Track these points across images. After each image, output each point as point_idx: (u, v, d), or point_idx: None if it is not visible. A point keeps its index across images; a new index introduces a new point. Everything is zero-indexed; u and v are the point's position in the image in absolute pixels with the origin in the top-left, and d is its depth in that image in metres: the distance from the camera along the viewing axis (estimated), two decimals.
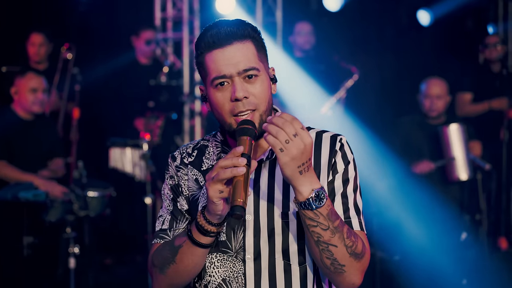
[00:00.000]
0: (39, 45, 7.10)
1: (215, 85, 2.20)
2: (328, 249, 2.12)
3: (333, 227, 2.10)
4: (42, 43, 7.11)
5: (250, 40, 2.23)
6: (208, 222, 2.13)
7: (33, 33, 7.08)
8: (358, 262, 2.17)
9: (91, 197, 5.65)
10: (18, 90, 5.92)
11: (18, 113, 5.97)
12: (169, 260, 2.24)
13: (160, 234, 2.36)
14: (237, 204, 1.99)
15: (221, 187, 2.04)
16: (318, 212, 2.08)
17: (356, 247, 2.15)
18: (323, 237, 2.11)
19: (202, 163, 2.38)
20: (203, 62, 2.24)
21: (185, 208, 2.36)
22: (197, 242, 2.17)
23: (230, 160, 2.02)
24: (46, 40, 7.13)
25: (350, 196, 2.28)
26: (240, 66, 2.18)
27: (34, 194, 5.43)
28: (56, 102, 7.07)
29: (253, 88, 2.20)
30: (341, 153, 2.31)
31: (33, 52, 7.10)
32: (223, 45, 2.19)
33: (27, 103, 5.90)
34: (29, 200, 5.43)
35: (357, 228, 2.25)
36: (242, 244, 2.27)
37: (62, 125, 6.95)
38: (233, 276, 2.29)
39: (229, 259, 2.29)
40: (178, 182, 2.38)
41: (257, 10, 8.46)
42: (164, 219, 2.38)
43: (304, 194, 2.07)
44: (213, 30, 2.21)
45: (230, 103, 2.19)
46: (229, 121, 2.21)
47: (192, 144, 2.45)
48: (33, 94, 5.89)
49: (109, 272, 6.98)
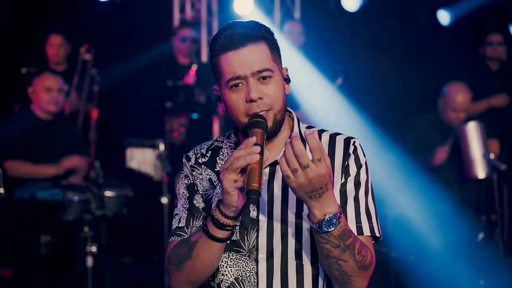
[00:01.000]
0: (58, 46, 7.15)
1: (230, 86, 2.22)
2: (337, 263, 2.15)
3: (344, 246, 2.11)
4: (61, 44, 7.17)
5: (264, 41, 2.26)
6: (224, 215, 2.13)
7: (52, 35, 7.14)
8: (365, 271, 2.20)
9: (108, 196, 5.69)
10: (35, 90, 5.98)
11: (37, 113, 6.01)
12: (186, 256, 2.24)
13: (177, 231, 2.37)
14: (252, 188, 2.00)
15: (235, 176, 2.05)
16: (330, 234, 2.09)
17: (365, 261, 2.18)
18: (332, 253, 2.13)
19: (216, 163, 2.40)
20: (217, 64, 2.26)
21: (202, 206, 2.37)
22: (213, 237, 2.17)
23: (244, 150, 2.05)
24: (65, 41, 7.18)
25: (361, 200, 2.30)
26: (254, 67, 2.20)
27: (51, 193, 5.47)
28: (76, 102, 7.12)
29: (267, 89, 2.22)
30: (354, 156, 2.32)
31: (52, 53, 7.15)
32: (238, 47, 2.22)
33: (43, 102, 5.95)
34: (46, 199, 5.48)
35: (367, 234, 2.27)
36: (255, 244, 2.29)
37: (81, 125, 7.00)
38: (245, 275, 2.30)
39: (242, 259, 2.30)
40: (194, 181, 2.40)
41: (275, 11, 8.46)
42: (181, 217, 2.38)
43: (316, 217, 2.08)
44: (227, 32, 2.24)
45: (244, 104, 2.21)
46: (244, 121, 2.22)
47: (206, 145, 2.47)
48: (48, 93, 5.93)
49: (127, 271, 7.02)
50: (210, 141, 2.49)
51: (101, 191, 5.62)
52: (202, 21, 8.29)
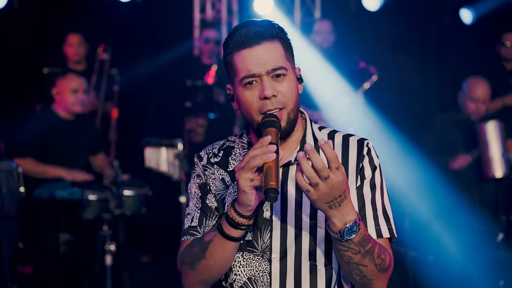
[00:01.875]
0: (77, 45, 7.20)
1: (244, 84, 2.23)
2: (358, 268, 2.15)
3: (364, 251, 2.12)
4: (80, 43, 7.22)
5: (278, 40, 2.26)
6: (239, 215, 2.13)
7: (70, 34, 7.20)
8: (385, 274, 2.21)
9: (126, 195, 5.72)
10: (60, 91, 6.04)
11: (59, 113, 6.08)
12: (199, 255, 2.24)
13: (190, 231, 2.36)
14: (270, 186, 2.00)
15: (251, 175, 2.05)
16: (350, 241, 2.10)
17: (385, 263, 2.19)
18: (353, 259, 2.13)
19: (228, 163, 2.40)
20: (231, 62, 2.27)
21: (214, 205, 2.37)
22: (228, 236, 2.17)
23: (260, 149, 2.04)
24: (83, 41, 7.23)
25: (378, 202, 2.30)
26: (269, 65, 2.21)
27: (69, 192, 5.52)
28: (94, 102, 7.17)
29: (281, 86, 2.23)
30: (368, 157, 2.32)
31: (72, 53, 7.20)
32: (252, 45, 2.22)
33: (69, 104, 6.01)
34: (65, 198, 5.52)
35: (386, 236, 2.28)
36: (268, 244, 2.28)
37: (99, 125, 7.04)
38: (258, 275, 2.30)
39: (255, 258, 2.30)
40: (206, 181, 2.39)
41: (295, 10, 8.45)
42: (193, 216, 2.38)
43: (337, 226, 2.08)
44: (242, 30, 2.25)
45: (258, 101, 2.22)
46: (257, 119, 2.23)
47: (218, 144, 2.47)
48: (74, 95, 6.00)
49: (146, 270, 7.04)
50: (221, 141, 2.49)
51: (120, 190, 5.65)
52: (222, 21, 8.31)
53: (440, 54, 8.94)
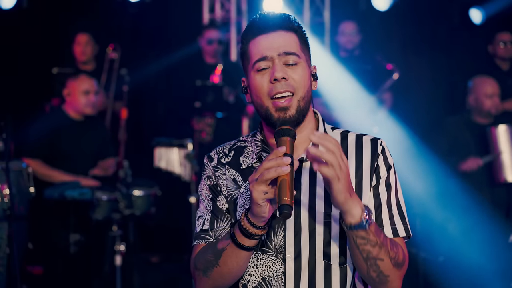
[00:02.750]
0: (85, 44, 7.20)
1: (256, 69, 2.23)
2: (375, 263, 2.15)
3: (380, 242, 2.13)
4: (88, 43, 7.21)
5: (294, 32, 2.27)
6: (253, 225, 2.11)
7: (78, 33, 7.19)
8: (399, 270, 2.20)
9: (136, 196, 5.71)
10: (71, 92, 6.04)
11: (69, 114, 6.08)
12: (213, 263, 2.23)
13: (202, 235, 2.34)
14: (284, 203, 1.97)
15: (265, 188, 2.03)
16: (369, 230, 2.10)
17: (398, 257, 2.18)
18: (372, 253, 2.13)
19: (241, 162, 2.37)
20: (246, 50, 2.28)
21: (225, 207, 2.35)
22: (241, 245, 2.15)
23: (274, 161, 2.01)
24: (92, 40, 7.22)
25: (393, 202, 2.29)
26: (281, 49, 2.22)
27: (80, 192, 5.52)
28: (103, 102, 7.16)
29: (292, 72, 2.22)
30: (383, 157, 2.31)
31: (80, 52, 7.20)
32: (268, 31, 2.24)
33: (80, 105, 6.01)
34: (75, 198, 5.52)
35: (402, 235, 2.27)
36: (282, 243, 2.26)
37: (109, 125, 7.04)
38: (272, 275, 2.28)
39: (269, 258, 2.28)
40: (217, 182, 2.37)
41: (304, 10, 8.42)
42: (204, 219, 2.36)
43: (356, 216, 2.08)
44: (259, 20, 2.28)
45: (269, 84, 2.21)
46: (267, 104, 2.22)
47: (228, 144, 2.45)
48: (86, 97, 6.01)
49: (155, 270, 7.04)
50: (232, 141, 2.47)
51: (130, 190, 5.64)
52: (231, 21, 8.29)
53: (449, 54, 8.90)
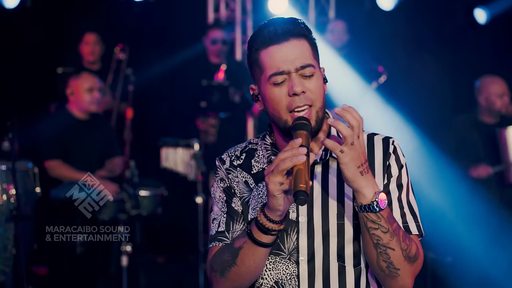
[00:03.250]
0: (93, 44, 7.19)
1: (273, 82, 2.20)
2: (385, 252, 2.13)
3: (392, 230, 2.12)
4: (96, 42, 7.21)
5: (305, 38, 2.25)
6: (269, 220, 2.10)
7: (87, 33, 7.18)
8: (411, 266, 2.17)
9: (143, 196, 5.70)
10: (74, 90, 6.01)
11: (73, 113, 6.06)
12: (230, 263, 2.21)
13: (218, 236, 2.32)
14: (300, 189, 1.97)
15: (281, 179, 2.02)
16: (380, 215, 2.09)
17: (410, 251, 2.16)
18: (382, 239, 2.12)
19: (252, 166, 2.36)
20: (257, 59, 2.24)
21: (240, 209, 2.33)
22: (259, 242, 2.13)
23: (290, 151, 2.01)
24: (100, 40, 7.21)
25: (405, 200, 2.28)
26: (297, 62, 2.19)
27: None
28: (109, 102, 7.15)
29: (309, 83, 2.20)
30: (395, 156, 2.30)
31: (88, 51, 7.19)
32: (280, 42, 2.20)
33: (85, 103, 5.99)
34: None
35: (415, 232, 2.26)
36: (295, 246, 2.25)
37: (114, 125, 7.02)
38: (286, 279, 2.26)
39: (282, 261, 2.26)
40: (230, 184, 2.36)
41: (309, 10, 8.41)
42: (220, 221, 2.34)
43: (368, 196, 2.08)
44: (270, 28, 2.23)
45: (287, 98, 2.19)
46: (285, 117, 2.20)
47: (240, 147, 2.44)
48: (90, 94, 5.98)
49: (161, 271, 7.03)
50: (243, 143, 2.46)
51: (136, 190, 5.62)
52: (236, 20, 8.27)
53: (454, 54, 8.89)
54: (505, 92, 6.29)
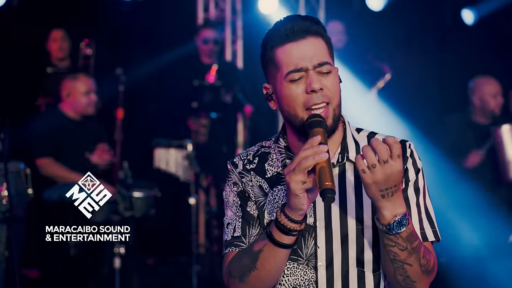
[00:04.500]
0: (61, 40, 7.11)
1: (290, 79, 2.18)
2: (402, 267, 2.11)
3: (411, 248, 2.09)
4: (64, 38, 7.12)
5: (321, 37, 2.23)
6: (290, 220, 2.06)
7: (54, 30, 7.11)
8: (428, 277, 2.17)
9: (136, 197, 5.64)
10: (71, 92, 5.96)
11: (66, 113, 6.01)
12: (249, 267, 2.16)
13: (235, 242, 2.27)
14: (327, 187, 1.94)
15: (303, 177, 1.99)
16: (398, 236, 2.06)
17: (429, 264, 2.15)
18: (399, 256, 2.09)
19: (266, 170, 2.32)
20: (273, 57, 2.22)
21: (256, 213, 2.29)
22: (279, 243, 2.09)
23: (311, 149, 1.98)
24: (67, 36, 7.13)
25: (422, 205, 2.26)
26: (315, 60, 2.17)
27: None
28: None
29: (326, 81, 2.18)
30: (412, 160, 2.28)
31: (56, 48, 7.10)
32: (297, 39, 2.18)
33: (82, 106, 5.96)
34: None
35: (431, 239, 2.24)
36: (313, 251, 2.22)
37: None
38: (304, 284, 2.23)
39: (299, 267, 2.23)
40: (244, 188, 2.31)
41: (300, 10, 8.41)
42: (235, 226, 2.29)
43: (386, 218, 2.05)
44: (287, 25, 2.20)
45: (304, 95, 2.17)
46: (302, 115, 2.17)
47: (252, 151, 2.40)
48: (87, 97, 5.95)
49: (154, 272, 6.98)
50: (254, 147, 2.41)
51: (130, 192, 5.56)
52: (226, 20, 8.24)
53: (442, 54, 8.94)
54: (499, 92, 6.34)
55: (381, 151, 1.97)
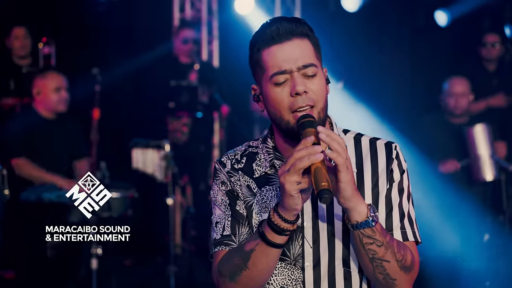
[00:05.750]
0: (23, 38, 7.02)
1: (274, 82, 2.18)
2: (381, 265, 2.13)
3: (386, 243, 2.11)
4: (26, 36, 7.04)
5: (308, 38, 2.22)
6: (284, 220, 2.06)
7: (15, 27, 7.01)
8: (407, 274, 2.17)
9: (113, 198, 5.61)
10: (41, 90, 5.91)
11: (40, 112, 5.96)
12: (241, 266, 2.16)
13: (224, 240, 2.27)
14: (323, 187, 1.94)
15: (298, 178, 1.99)
16: (375, 229, 2.08)
17: (406, 260, 2.16)
18: (378, 253, 2.11)
19: (254, 170, 2.33)
20: (259, 59, 2.22)
21: (245, 212, 2.29)
22: (272, 243, 2.09)
23: (306, 150, 1.98)
24: (28, 34, 7.06)
25: (405, 206, 2.28)
26: (300, 62, 2.17)
27: (57, 195, 5.41)
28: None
29: (311, 84, 2.17)
30: (397, 161, 2.30)
31: (18, 46, 6.99)
32: (282, 41, 2.18)
33: (52, 103, 5.90)
34: (53, 201, 5.41)
35: (411, 239, 2.25)
36: (300, 252, 2.23)
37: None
38: (291, 284, 2.24)
39: (287, 267, 2.24)
40: (233, 188, 2.31)
41: (275, 10, 8.44)
42: (224, 225, 2.29)
43: (363, 213, 2.07)
44: (272, 27, 2.20)
45: (289, 98, 2.16)
46: (287, 117, 2.17)
47: (239, 150, 2.39)
48: (57, 93, 5.89)
49: (132, 273, 6.96)
50: (241, 146, 2.41)
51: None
52: (202, 20, 8.24)
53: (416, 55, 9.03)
54: (460, 93, 6.40)
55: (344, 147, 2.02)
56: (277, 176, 2.27)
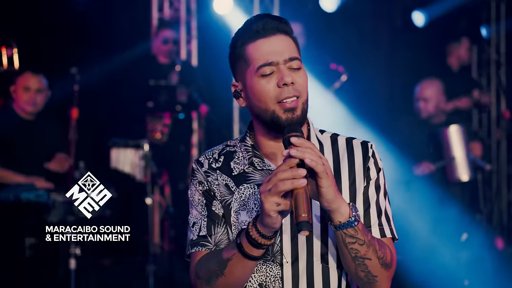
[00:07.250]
0: None
1: (261, 74, 2.21)
2: (363, 263, 2.15)
3: (368, 241, 2.14)
4: None
5: (290, 36, 2.29)
6: (261, 235, 2.08)
7: None
8: (387, 271, 2.21)
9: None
10: (16, 89, 5.92)
11: (18, 112, 5.93)
12: (217, 273, 2.19)
13: (201, 241, 2.30)
14: (303, 219, 1.94)
15: (278, 199, 1.99)
16: (357, 228, 2.11)
17: (386, 257, 2.19)
18: (360, 252, 2.13)
19: (232, 168, 2.35)
20: (243, 54, 2.25)
21: (221, 212, 2.31)
22: (249, 255, 2.12)
23: (289, 172, 1.98)
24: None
25: (382, 203, 2.32)
26: (286, 55, 2.23)
27: (36, 194, 5.38)
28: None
29: (297, 76, 2.23)
30: (373, 159, 2.34)
31: None
32: (268, 35, 2.24)
33: (21, 102, 5.90)
34: (31, 200, 5.38)
35: (389, 235, 2.29)
36: (279, 248, 2.25)
37: None
38: (270, 281, 2.26)
39: (265, 264, 2.26)
40: (210, 187, 2.33)
41: (254, 10, 8.43)
42: (201, 225, 2.32)
43: (345, 213, 2.09)
44: (258, 22, 2.26)
45: (276, 89, 2.20)
46: (273, 107, 2.20)
47: (217, 149, 2.42)
48: (26, 93, 5.88)
49: (110, 273, 6.93)
50: (219, 146, 2.43)
51: None
52: (181, 20, 8.22)
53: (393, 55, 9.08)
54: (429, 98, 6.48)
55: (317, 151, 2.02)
56: (255, 174, 2.31)
